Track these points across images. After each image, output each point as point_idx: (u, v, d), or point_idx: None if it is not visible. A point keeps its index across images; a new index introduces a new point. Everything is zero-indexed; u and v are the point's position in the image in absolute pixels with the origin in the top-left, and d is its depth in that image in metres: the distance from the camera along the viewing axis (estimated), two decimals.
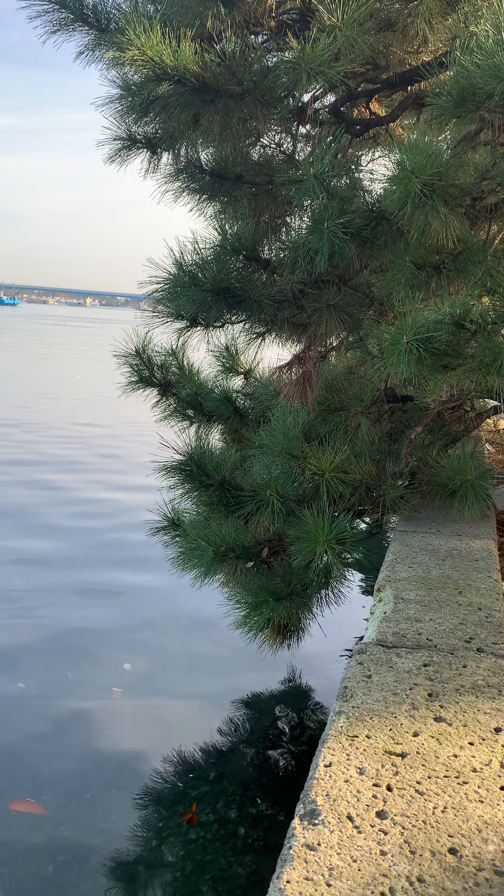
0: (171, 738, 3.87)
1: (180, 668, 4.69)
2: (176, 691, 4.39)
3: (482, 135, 2.87)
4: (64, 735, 3.83)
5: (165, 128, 3.39)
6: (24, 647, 4.76)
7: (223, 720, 4.08)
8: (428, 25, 3.18)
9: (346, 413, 3.37)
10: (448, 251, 2.80)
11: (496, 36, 2.46)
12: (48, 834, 3.10)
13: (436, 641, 2.07)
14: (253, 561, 3.31)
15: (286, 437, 3.13)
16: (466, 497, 3.23)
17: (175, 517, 3.86)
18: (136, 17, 2.72)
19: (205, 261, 3.42)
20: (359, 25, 2.72)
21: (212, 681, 4.52)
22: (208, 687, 4.46)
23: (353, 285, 3.41)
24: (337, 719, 1.62)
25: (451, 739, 1.55)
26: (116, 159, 3.58)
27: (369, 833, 1.24)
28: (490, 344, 2.53)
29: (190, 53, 2.79)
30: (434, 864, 1.18)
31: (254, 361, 4.20)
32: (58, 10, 3.10)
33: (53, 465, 10.08)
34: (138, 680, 4.47)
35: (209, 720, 4.07)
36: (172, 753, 3.71)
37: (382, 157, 3.89)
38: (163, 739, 3.85)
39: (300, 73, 2.74)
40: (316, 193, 2.82)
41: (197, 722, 4.07)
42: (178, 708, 4.23)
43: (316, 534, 2.85)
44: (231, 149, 3.51)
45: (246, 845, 3.09)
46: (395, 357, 2.58)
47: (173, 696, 4.33)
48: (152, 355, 4.11)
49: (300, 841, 1.22)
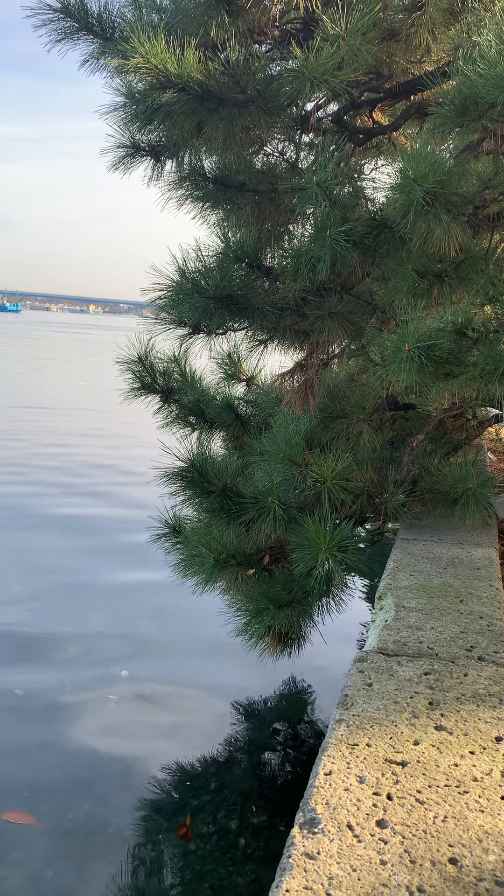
0: (170, 746, 3.85)
1: (179, 675, 4.67)
2: (175, 699, 4.37)
3: (484, 144, 2.88)
4: (62, 743, 3.81)
5: (169, 136, 3.40)
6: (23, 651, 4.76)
7: (223, 729, 4.06)
8: (431, 35, 3.19)
9: (348, 420, 3.37)
10: (450, 259, 2.80)
11: (499, 46, 2.46)
12: (46, 842, 3.08)
13: (437, 650, 2.06)
14: (254, 568, 3.31)
15: (288, 444, 3.13)
16: (468, 505, 3.22)
17: (176, 524, 3.86)
18: (140, 26, 2.74)
19: (207, 268, 3.43)
20: (362, 35, 2.73)
21: (211, 688, 4.51)
22: (208, 694, 4.44)
23: (356, 293, 3.41)
24: (337, 727, 1.61)
25: (452, 748, 1.54)
26: (120, 167, 3.59)
27: (369, 842, 1.23)
28: (492, 352, 2.53)
29: (194, 62, 2.80)
30: (434, 873, 1.17)
31: (256, 368, 4.21)
32: (63, 19, 3.11)
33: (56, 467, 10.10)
34: (135, 687, 4.46)
35: (209, 729, 4.06)
36: (171, 763, 3.70)
37: (385, 166, 3.89)
38: (162, 748, 3.84)
39: (303, 81, 2.75)
40: (318, 201, 2.82)
41: (196, 730, 4.06)
42: (177, 715, 4.22)
43: (317, 541, 2.85)
44: (234, 157, 3.52)
45: (246, 855, 3.08)
46: (396, 365, 2.59)
47: (172, 704, 4.32)
48: (154, 362, 4.12)
49: (299, 850, 1.21)
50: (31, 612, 5.39)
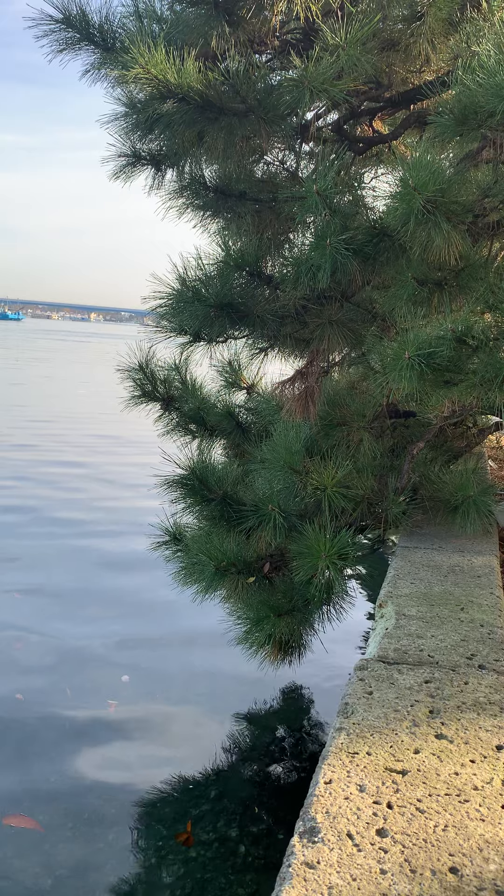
0: (171, 754, 3.84)
1: (180, 682, 4.66)
2: (175, 707, 4.36)
3: (484, 153, 2.89)
4: (63, 749, 3.80)
5: (169, 145, 3.42)
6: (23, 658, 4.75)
7: (223, 737, 4.05)
8: (430, 45, 3.21)
9: (349, 428, 3.37)
10: (450, 268, 2.81)
11: (497, 56, 2.48)
12: (47, 849, 3.07)
13: (437, 658, 2.06)
14: (254, 576, 3.30)
15: (288, 451, 3.13)
16: (468, 513, 3.23)
17: (177, 532, 3.86)
18: (140, 37, 2.75)
19: (208, 276, 3.44)
20: (362, 45, 2.74)
21: (212, 697, 4.50)
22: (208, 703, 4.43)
23: (356, 301, 3.42)
24: (337, 736, 1.61)
25: (453, 757, 1.54)
26: (121, 175, 3.61)
27: (369, 851, 1.23)
28: (492, 360, 2.53)
29: (194, 72, 2.82)
30: (434, 883, 1.16)
31: (256, 376, 4.21)
32: (64, 30, 3.13)
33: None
34: (136, 693, 4.45)
35: (209, 737, 4.04)
36: (172, 771, 3.68)
37: (385, 175, 3.91)
38: (162, 756, 3.83)
39: (303, 90, 2.77)
40: (319, 210, 2.83)
41: (197, 738, 4.04)
42: (178, 724, 4.20)
43: (318, 549, 2.84)
44: (235, 166, 3.54)
45: (246, 863, 3.06)
46: (397, 372, 2.59)
47: (173, 712, 4.31)
48: (155, 370, 4.13)
49: (299, 859, 1.21)
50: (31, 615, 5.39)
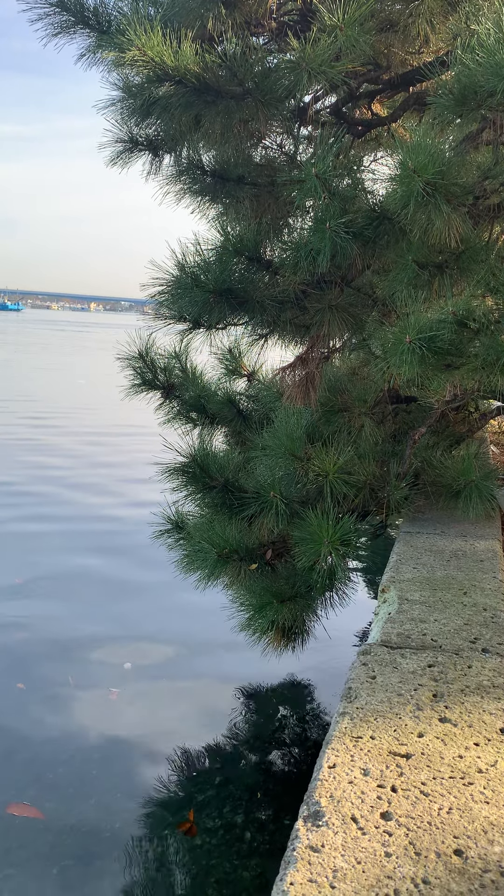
0: (175, 741, 3.85)
1: (182, 668, 4.67)
2: (178, 693, 4.37)
3: (484, 134, 2.86)
4: (67, 737, 3.81)
5: (167, 129, 3.39)
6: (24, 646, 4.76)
7: (227, 723, 4.06)
8: (429, 25, 3.17)
9: (350, 414, 3.35)
10: (451, 250, 2.79)
11: (497, 34, 2.45)
12: (52, 838, 3.09)
13: (440, 642, 2.06)
14: (257, 563, 3.30)
15: (289, 438, 3.12)
16: (471, 498, 3.21)
17: (179, 520, 3.85)
18: (136, 19, 2.72)
19: (207, 262, 3.42)
20: (360, 25, 2.71)
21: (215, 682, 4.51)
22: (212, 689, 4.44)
23: (356, 286, 3.40)
24: (341, 720, 1.61)
25: (457, 740, 1.54)
26: (118, 162, 3.58)
27: (374, 834, 1.23)
28: (493, 343, 2.51)
29: (191, 54, 2.79)
30: (439, 865, 1.16)
31: (257, 363, 4.19)
32: (59, 13, 3.10)
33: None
34: (139, 680, 4.46)
35: (213, 723, 4.05)
36: (176, 758, 3.69)
37: (384, 158, 3.88)
38: (166, 743, 3.84)
39: (301, 73, 2.74)
40: (318, 193, 2.81)
41: (201, 725, 4.06)
42: (181, 709, 4.22)
43: (320, 535, 2.84)
44: (232, 150, 3.51)
45: (252, 849, 3.07)
46: (398, 357, 2.57)
47: (176, 698, 4.32)
48: (155, 358, 4.11)
49: (304, 843, 1.20)
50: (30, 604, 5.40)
